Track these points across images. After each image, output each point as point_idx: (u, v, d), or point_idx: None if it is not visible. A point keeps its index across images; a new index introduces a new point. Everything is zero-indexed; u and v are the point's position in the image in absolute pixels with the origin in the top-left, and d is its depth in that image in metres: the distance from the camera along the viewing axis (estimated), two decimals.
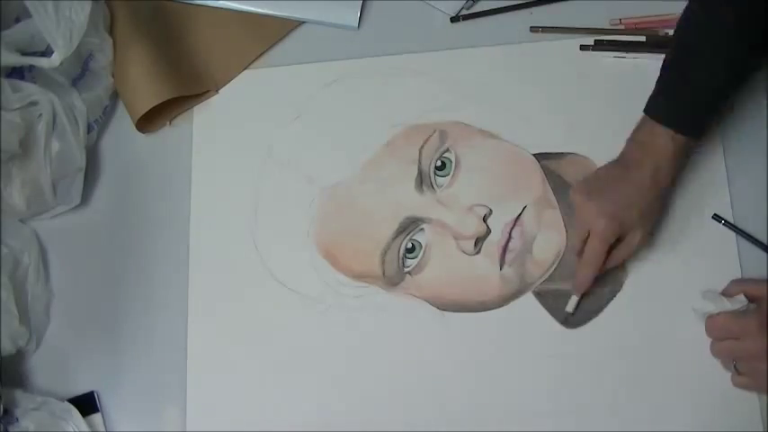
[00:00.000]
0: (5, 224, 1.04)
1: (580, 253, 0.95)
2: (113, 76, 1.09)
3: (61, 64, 1.00)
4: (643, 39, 1.05)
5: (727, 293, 0.94)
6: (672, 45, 0.94)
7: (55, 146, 1.04)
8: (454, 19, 1.09)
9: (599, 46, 1.06)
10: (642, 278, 0.98)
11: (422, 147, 1.04)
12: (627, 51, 1.05)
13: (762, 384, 0.90)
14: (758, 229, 0.98)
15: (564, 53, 1.07)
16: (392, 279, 1.02)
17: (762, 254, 0.97)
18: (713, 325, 0.93)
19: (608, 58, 1.05)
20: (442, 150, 1.04)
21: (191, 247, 1.06)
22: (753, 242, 0.97)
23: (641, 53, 1.05)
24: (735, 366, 0.92)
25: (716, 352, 0.93)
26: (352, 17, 1.11)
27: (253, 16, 1.13)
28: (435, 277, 1.01)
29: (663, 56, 0.94)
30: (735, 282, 0.96)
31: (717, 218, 0.98)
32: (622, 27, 1.06)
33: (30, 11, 0.98)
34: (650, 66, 1.03)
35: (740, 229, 0.97)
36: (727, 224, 0.98)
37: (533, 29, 1.07)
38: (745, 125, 1.01)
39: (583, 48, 1.06)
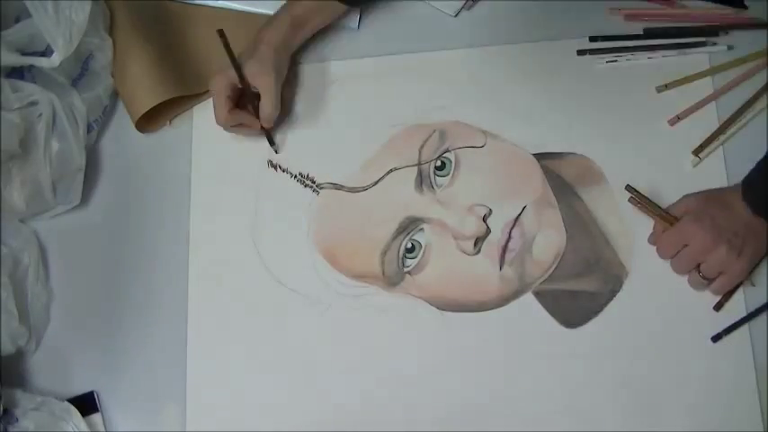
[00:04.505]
0: (5, 224, 1.04)
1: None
2: (113, 75, 1.09)
3: (61, 64, 1.00)
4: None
5: (677, 207, 0.96)
6: None
7: (55, 146, 1.04)
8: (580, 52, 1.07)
9: (595, 51, 1.06)
10: (642, 278, 0.98)
11: (421, 147, 1.04)
12: (621, 53, 1.05)
13: (736, 272, 0.93)
14: None
15: (563, 52, 1.07)
16: (392, 279, 1.02)
17: None
18: (661, 245, 0.97)
19: (602, 63, 1.06)
20: (441, 150, 1.04)
21: (191, 247, 1.06)
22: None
23: (637, 52, 1.05)
24: (702, 276, 0.94)
25: (677, 268, 0.97)
26: (351, 17, 1.11)
27: (253, 16, 1.12)
28: (435, 277, 1.01)
29: (658, 54, 0.93)
30: (685, 197, 0.97)
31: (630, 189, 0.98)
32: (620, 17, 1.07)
33: (30, 11, 0.98)
34: (648, 64, 1.04)
35: (652, 202, 0.98)
36: (636, 196, 0.97)
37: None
38: (746, 134, 1.02)
39: (580, 53, 1.06)
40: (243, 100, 1.04)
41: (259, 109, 1.03)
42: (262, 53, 1.02)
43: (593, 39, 1.06)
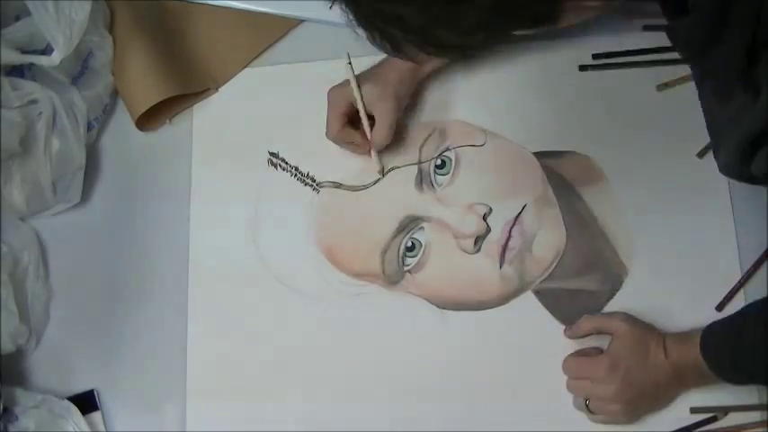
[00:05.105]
0: (5, 222, 1.04)
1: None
2: (113, 74, 1.09)
3: (61, 62, 1.00)
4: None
5: (578, 331, 0.95)
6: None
7: (55, 144, 1.04)
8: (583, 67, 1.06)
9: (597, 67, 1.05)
10: (642, 277, 0.98)
11: (422, 145, 1.04)
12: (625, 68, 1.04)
13: (614, 421, 0.92)
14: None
15: (563, 52, 1.06)
16: (392, 277, 1.02)
17: (759, 254, 0.97)
18: (567, 366, 0.94)
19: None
20: (441, 149, 1.04)
21: (191, 246, 1.06)
22: None
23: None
24: (587, 405, 0.92)
25: (570, 388, 0.94)
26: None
27: (253, 15, 1.12)
28: (435, 276, 1.01)
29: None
30: (586, 318, 0.95)
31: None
32: None
33: (30, 9, 0.98)
34: (648, 63, 1.04)
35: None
36: None
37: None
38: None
39: (582, 68, 1.05)
40: (357, 118, 1.02)
41: (372, 132, 1.01)
42: (386, 78, 1.00)
43: (596, 56, 1.05)
